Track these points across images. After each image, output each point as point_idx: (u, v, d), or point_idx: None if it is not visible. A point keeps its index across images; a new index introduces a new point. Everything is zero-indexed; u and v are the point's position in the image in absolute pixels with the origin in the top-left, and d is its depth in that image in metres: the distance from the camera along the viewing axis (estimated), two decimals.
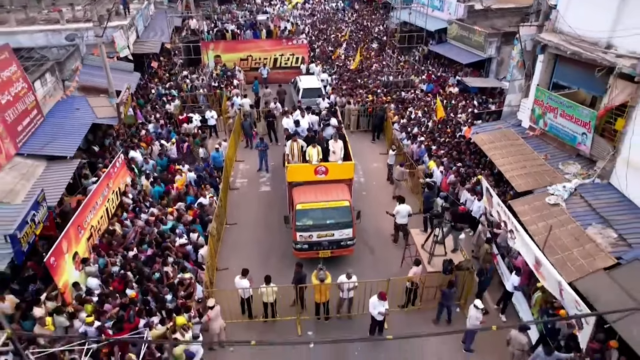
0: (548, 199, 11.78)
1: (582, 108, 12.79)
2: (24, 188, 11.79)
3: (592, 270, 9.58)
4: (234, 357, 10.06)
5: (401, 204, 12.61)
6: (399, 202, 12.66)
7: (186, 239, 11.63)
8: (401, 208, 12.58)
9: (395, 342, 10.27)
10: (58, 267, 9.75)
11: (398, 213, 12.53)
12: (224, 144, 16.39)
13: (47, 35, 19.73)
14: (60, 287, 9.79)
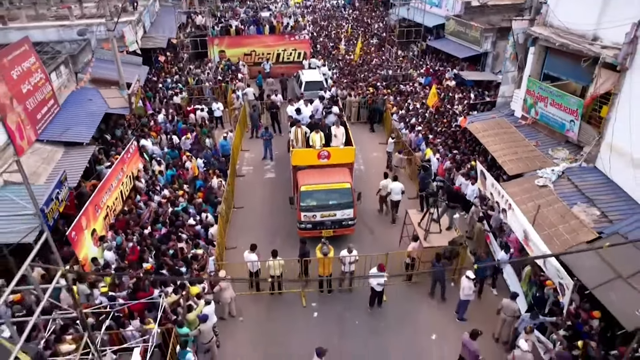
0: (537, 181, 12.54)
1: (570, 97, 13.56)
2: (45, 171, 12.57)
3: (575, 243, 10.35)
4: (244, 326, 10.83)
5: (394, 182, 13.51)
6: (393, 180, 13.49)
7: (197, 219, 12.37)
8: (395, 185, 13.50)
9: (393, 312, 11.05)
10: (78, 242, 10.51)
11: (392, 190, 13.44)
12: (230, 134, 17.13)
13: (58, 30, 20.47)
14: (81, 259, 10.55)
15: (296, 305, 11.31)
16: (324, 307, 11.27)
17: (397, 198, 13.60)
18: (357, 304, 11.28)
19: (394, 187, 13.45)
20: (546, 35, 14.30)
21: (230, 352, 10.16)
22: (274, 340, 10.42)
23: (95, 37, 19.95)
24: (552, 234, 10.82)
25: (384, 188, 13.73)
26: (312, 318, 10.99)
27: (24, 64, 13.51)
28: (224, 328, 10.58)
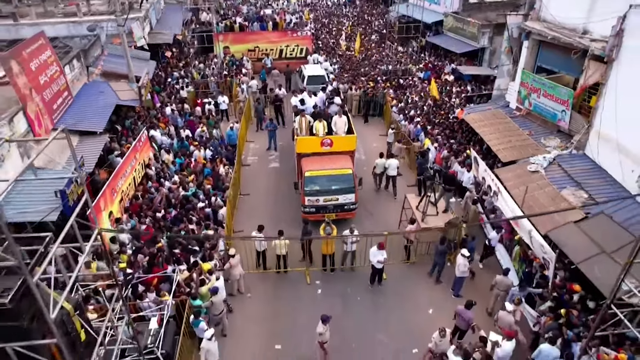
0: (529, 167, 13.21)
1: (562, 87, 14.21)
2: (62, 158, 13.26)
3: (564, 222, 11.03)
4: (251, 302, 11.51)
5: (390, 159, 14.80)
6: (388, 158, 14.64)
7: (207, 203, 13.05)
8: (391, 162, 14.91)
9: (392, 289, 11.73)
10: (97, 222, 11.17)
11: (390, 166, 14.59)
12: (236, 125, 17.80)
13: (68, 26, 21.15)
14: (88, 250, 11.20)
15: (301, 283, 12.00)
16: (327, 284, 11.95)
17: (393, 173, 15.02)
18: (359, 282, 11.96)
19: (391, 163, 14.86)
20: (539, 30, 14.96)
21: (240, 325, 10.83)
22: (281, 314, 11.09)
23: (104, 32, 20.61)
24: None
25: (379, 166, 15.09)
26: (316, 294, 11.68)
27: (40, 57, 14.17)
28: (233, 304, 11.26)
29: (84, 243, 6.00)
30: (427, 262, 12.33)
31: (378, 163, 15.16)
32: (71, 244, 5.85)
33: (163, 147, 16.07)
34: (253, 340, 10.40)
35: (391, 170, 14.87)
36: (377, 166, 15.23)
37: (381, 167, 15.06)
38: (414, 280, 12.05)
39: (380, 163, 15.04)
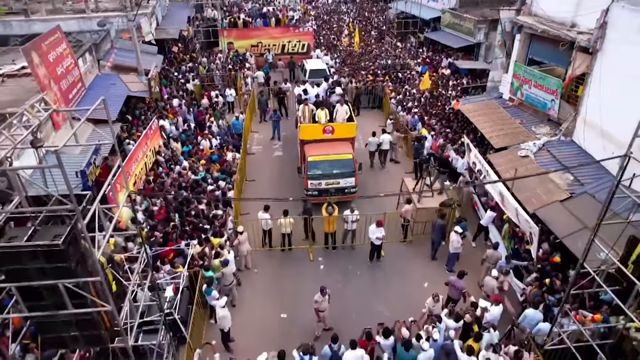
0: (519, 152, 14.00)
1: (551, 78, 14.99)
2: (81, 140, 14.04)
3: (550, 201, 11.82)
4: (258, 276, 12.31)
5: (383, 134, 16.20)
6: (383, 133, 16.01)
7: (215, 186, 13.84)
8: (384, 137, 16.54)
9: (390, 265, 12.53)
10: (114, 201, 11.97)
11: (383, 140, 15.91)
12: (242, 115, 18.59)
13: (79, 22, 21.93)
14: (117, 217, 11.99)
15: (304, 259, 12.80)
16: (329, 261, 12.75)
17: (386, 147, 16.69)
18: (359, 259, 12.76)
19: (384, 138, 16.53)
20: (530, 23, 15.74)
21: (247, 297, 11.63)
22: (285, 288, 11.88)
23: (114, 28, 21.40)
24: (531, 195, 12.27)
25: (372, 144, 16.53)
26: (318, 270, 12.48)
27: (57, 49, 14.96)
28: (242, 278, 12.05)
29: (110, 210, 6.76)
30: (423, 241, 13.12)
31: (371, 141, 16.49)
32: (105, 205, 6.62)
33: (171, 136, 16.86)
34: (260, 310, 11.19)
35: (385, 145, 16.54)
36: (370, 144, 16.54)
37: (374, 145, 16.48)
38: (411, 258, 12.85)
39: (373, 141, 16.46)
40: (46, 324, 6.10)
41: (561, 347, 8.90)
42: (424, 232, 13.24)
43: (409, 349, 8.67)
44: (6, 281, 5.49)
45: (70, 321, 6.09)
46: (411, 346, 8.69)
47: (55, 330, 6.16)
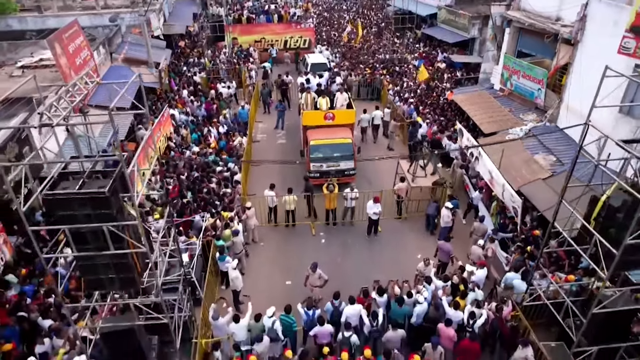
0: (507, 136, 15.04)
1: (538, 68, 16.03)
2: (97, 128, 15.06)
3: (533, 179, 12.87)
4: (264, 249, 13.35)
5: (376, 110, 17.70)
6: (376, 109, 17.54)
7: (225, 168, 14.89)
8: (376, 113, 18.40)
9: (386, 239, 13.55)
10: (132, 179, 12.99)
11: (375, 116, 17.48)
12: (247, 105, 19.65)
13: (90, 17, 22.98)
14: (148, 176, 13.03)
15: (307, 234, 13.84)
16: (330, 236, 13.79)
17: (378, 122, 18.59)
18: (357, 234, 13.79)
19: (376, 114, 18.40)
20: (518, 18, 16.78)
21: (255, 267, 12.66)
22: (290, 259, 12.89)
23: (124, 23, 22.45)
24: (516, 174, 13.33)
25: (364, 120, 18.28)
26: (320, 244, 13.51)
27: (75, 41, 16.00)
28: (249, 251, 13.08)
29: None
30: (417, 218, 14.16)
31: (363, 117, 18.13)
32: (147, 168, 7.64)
33: (181, 124, 17.90)
34: (267, 277, 12.21)
35: (376, 120, 18.50)
36: (362, 120, 18.18)
37: (365, 122, 18.25)
38: (406, 233, 13.88)
39: (365, 117, 18.24)
40: (89, 266, 7.12)
41: (538, 303, 9.95)
42: (417, 210, 14.27)
43: (402, 304, 9.70)
44: (58, 224, 6.52)
45: (109, 264, 7.12)
46: (403, 302, 9.72)
47: (96, 272, 7.19)
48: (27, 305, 9.47)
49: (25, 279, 10.10)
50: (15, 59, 18.63)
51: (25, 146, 11.71)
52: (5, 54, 18.96)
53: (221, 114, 18.97)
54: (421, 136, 14.40)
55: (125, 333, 8.03)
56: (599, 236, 7.60)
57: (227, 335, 9.52)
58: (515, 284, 10.25)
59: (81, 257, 6.93)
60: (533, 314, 10.21)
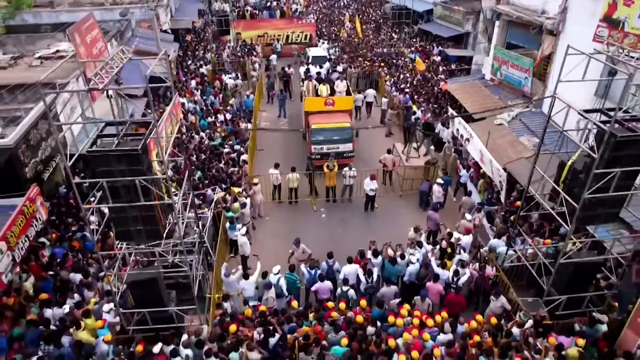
0: (495, 121, 16.14)
1: (524, 58, 17.11)
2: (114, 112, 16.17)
3: (517, 158, 13.96)
4: (270, 223, 14.45)
5: (369, 89, 19.08)
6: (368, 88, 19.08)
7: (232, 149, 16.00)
8: (369, 91, 20.47)
9: (382, 214, 14.66)
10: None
11: (367, 95, 19.15)
12: (252, 95, 20.76)
13: (101, 12, 24.10)
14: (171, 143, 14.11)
15: (308, 210, 14.94)
16: (329, 211, 14.89)
17: (370, 100, 20.59)
18: (355, 210, 14.90)
19: (368, 92, 20.56)
20: (507, 11, 17.88)
21: (261, 238, 13.76)
22: (292, 232, 13.84)
23: (134, 18, 23.58)
24: (502, 154, 14.40)
25: (357, 100, 19.82)
26: (320, 218, 14.61)
27: (92, 33, 17.12)
28: (255, 224, 14.18)
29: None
30: (411, 196, 15.26)
31: (357, 97, 19.63)
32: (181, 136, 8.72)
33: (190, 111, 19.02)
34: (272, 247, 13.27)
35: (369, 98, 20.49)
36: (357, 100, 19.63)
37: (360, 101, 19.98)
38: (400, 209, 14.97)
39: (359, 97, 20.05)
40: (121, 219, 8.21)
41: (518, 264, 11.04)
42: (411, 188, 15.36)
43: (394, 264, 10.80)
44: (97, 177, 7.62)
45: (137, 217, 8.20)
46: (396, 262, 10.82)
47: (127, 224, 8.28)
48: (58, 264, 10.57)
49: (55, 243, 11.20)
50: (33, 51, 19.73)
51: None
52: (24, 46, 20.04)
53: (227, 103, 20.09)
54: (414, 119, 15.48)
55: (148, 282, 9.09)
56: (564, 194, 8.70)
57: (237, 291, 10.62)
58: (497, 246, 11.34)
59: (115, 209, 8.02)
60: (514, 276, 11.29)
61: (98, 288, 10.09)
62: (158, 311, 9.29)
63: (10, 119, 12.06)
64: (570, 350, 8.78)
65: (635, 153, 7.87)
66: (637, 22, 11.89)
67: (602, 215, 8.72)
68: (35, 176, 11.13)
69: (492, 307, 9.88)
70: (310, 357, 8.54)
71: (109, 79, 7.61)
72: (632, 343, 8.80)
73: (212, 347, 8.71)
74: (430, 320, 9.26)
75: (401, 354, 8.61)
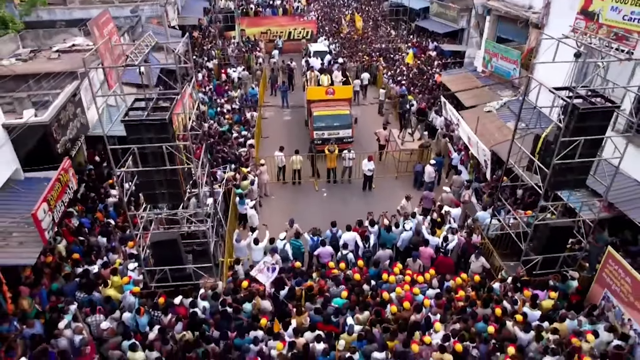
0: (485, 108, 17.30)
1: (513, 51, 18.27)
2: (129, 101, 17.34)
3: (503, 140, 15.11)
4: (275, 201, 15.61)
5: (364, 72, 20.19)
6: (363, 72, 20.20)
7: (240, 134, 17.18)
8: (364, 75, 21.95)
9: (379, 194, 15.81)
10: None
11: (363, 78, 20.07)
12: (256, 88, 21.95)
13: (112, 9, 25.29)
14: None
15: (311, 190, 16.11)
16: (330, 191, 16.06)
17: (365, 82, 22.85)
18: (354, 190, 16.07)
19: (364, 75, 22.36)
20: (497, 6, 19.05)
21: (267, 214, 14.88)
22: (295, 210, 15.02)
23: (144, 14, 24.80)
24: (490, 137, 15.56)
25: (355, 85, 21.32)
26: (322, 197, 15.78)
27: (108, 27, 18.29)
28: (262, 202, 15.33)
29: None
30: (406, 177, 16.42)
31: (355, 83, 20.88)
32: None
33: (200, 102, 20.23)
34: (278, 222, 14.36)
35: (364, 80, 22.12)
36: (354, 85, 20.86)
37: (357, 86, 21.39)
38: (396, 189, 16.09)
39: (356, 82, 21.51)
40: (147, 182, 9.36)
41: (502, 232, 12.18)
42: (407, 170, 16.52)
43: (389, 232, 11.95)
44: (130, 143, 8.78)
45: (162, 181, 9.35)
46: (391, 230, 11.97)
47: (153, 188, 9.43)
48: (87, 231, 11.73)
49: (81, 214, 12.36)
50: (50, 45, 20.91)
51: (78, 107, 13.94)
52: (41, 40, 21.21)
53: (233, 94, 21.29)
54: (409, 105, 16.69)
55: (169, 242, 10.24)
56: (538, 162, 9.86)
57: (247, 256, 11.77)
58: (484, 218, 12.49)
59: (143, 173, 9.17)
60: (499, 245, 12.42)
61: (122, 251, 11.23)
62: (177, 269, 10.45)
63: (41, 103, 13.24)
64: (545, 302, 9.96)
65: (596, 124, 9.04)
66: (610, 14, 13.04)
67: (572, 181, 9.87)
68: (65, 153, 12.26)
69: (472, 267, 11.02)
70: (314, 307, 9.68)
71: (141, 57, 8.68)
72: (598, 295, 9.97)
73: (226, 299, 9.86)
74: (421, 277, 10.41)
75: (393, 305, 9.76)
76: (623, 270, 9.20)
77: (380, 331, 9.00)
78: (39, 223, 9.12)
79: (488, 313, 9.55)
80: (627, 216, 10.92)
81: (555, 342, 8.75)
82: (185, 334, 9.06)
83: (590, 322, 9.31)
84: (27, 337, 8.80)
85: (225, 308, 9.60)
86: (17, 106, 13.41)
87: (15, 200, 10.34)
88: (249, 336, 8.95)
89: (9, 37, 18.93)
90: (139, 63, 8.85)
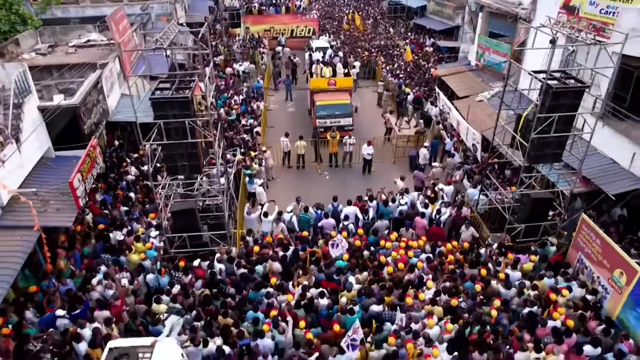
0: (477, 98, 18.46)
1: (503, 44, 19.42)
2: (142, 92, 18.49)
3: (492, 126, 16.25)
4: (280, 183, 16.75)
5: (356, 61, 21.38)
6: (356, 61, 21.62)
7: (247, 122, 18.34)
8: (356, 63, 23.10)
9: (378, 177, 16.91)
10: None
11: (355, 67, 21.31)
12: (261, 81, 23.12)
13: (123, 7, 26.49)
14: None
15: (314, 174, 17.26)
16: (332, 175, 17.20)
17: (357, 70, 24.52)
18: (355, 173, 17.21)
19: (356, 64, 23.97)
20: (488, 3, 20.22)
21: (273, 195, 15.92)
22: (300, 191, 16.08)
23: (154, 12, 26.00)
24: (481, 123, 16.70)
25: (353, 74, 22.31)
26: (324, 180, 16.92)
27: (122, 23, 19.47)
28: (268, 184, 16.47)
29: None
30: (403, 162, 17.57)
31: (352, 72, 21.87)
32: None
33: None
34: (284, 201, 15.54)
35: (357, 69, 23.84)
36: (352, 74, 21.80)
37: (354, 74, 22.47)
38: (394, 173, 17.15)
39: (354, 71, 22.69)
40: (170, 155, 10.50)
41: (490, 207, 13.30)
42: (403, 155, 17.67)
43: (387, 206, 13.08)
44: (156, 119, 9.92)
45: (183, 154, 10.49)
46: (387, 204, 13.10)
47: (174, 160, 10.57)
48: (110, 205, 12.88)
49: (104, 192, 13.51)
50: (66, 40, 22.08)
51: (100, 94, 15.09)
52: (58, 36, 22.38)
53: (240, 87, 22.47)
54: (405, 95, 17.88)
55: (187, 211, 11.39)
56: (519, 138, 11.00)
57: (256, 228, 12.90)
58: (474, 195, 13.63)
59: (166, 146, 10.31)
60: (487, 219, 13.55)
61: (144, 221, 12.37)
62: (195, 237, 11.58)
63: (67, 90, 14.39)
64: (526, 265, 11.09)
65: (569, 102, 10.19)
66: (589, 8, 14.20)
67: (549, 154, 11.02)
68: (90, 134, 13.40)
69: (463, 236, 12.14)
70: (318, 268, 10.80)
71: (168, 42, 9.83)
72: (574, 259, 11.10)
73: (240, 261, 10.98)
74: (414, 242, 11.54)
75: (389, 266, 10.88)
76: (594, 233, 10.33)
77: (378, 288, 10.12)
78: (74, 190, 10.26)
79: (475, 273, 10.67)
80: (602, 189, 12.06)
81: (535, 297, 9.89)
82: (205, 290, 10.18)
83: (565, 280, 10.44)
84: (62, 293, 9.94)
85: (241, 270, 10.71)
86: (45, 94, 14.53)
87: (50, 175, 11.48)
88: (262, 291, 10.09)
89: (29, 33, 20.09)
90: (167, 46, 9.91)
